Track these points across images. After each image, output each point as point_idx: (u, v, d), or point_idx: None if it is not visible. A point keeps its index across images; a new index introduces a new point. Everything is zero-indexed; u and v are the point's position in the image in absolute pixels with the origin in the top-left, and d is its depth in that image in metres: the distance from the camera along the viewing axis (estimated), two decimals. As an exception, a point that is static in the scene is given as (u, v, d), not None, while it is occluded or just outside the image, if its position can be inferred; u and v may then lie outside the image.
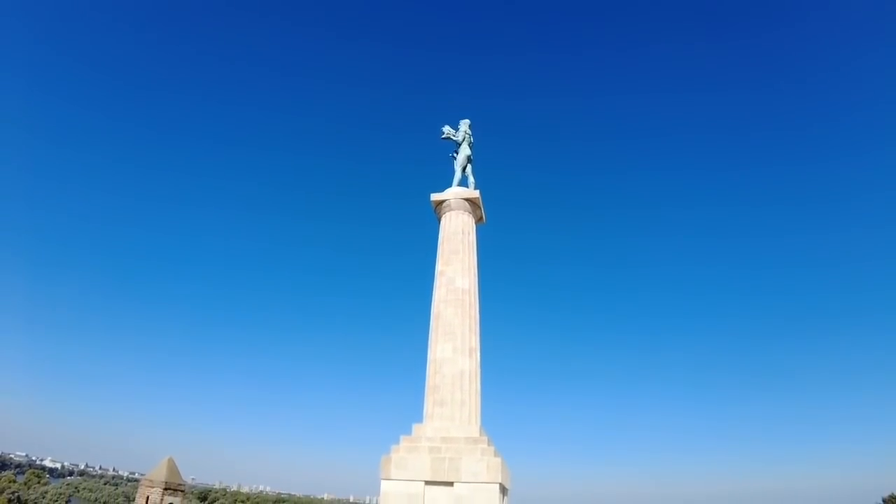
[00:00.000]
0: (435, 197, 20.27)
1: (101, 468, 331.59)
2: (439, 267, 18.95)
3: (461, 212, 19.77)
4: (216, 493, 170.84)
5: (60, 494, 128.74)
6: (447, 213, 19.85)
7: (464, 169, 21.04)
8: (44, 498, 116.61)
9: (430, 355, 17.72)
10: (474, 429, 16.46)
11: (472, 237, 19.77)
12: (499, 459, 15.47)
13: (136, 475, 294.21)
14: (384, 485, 15.51)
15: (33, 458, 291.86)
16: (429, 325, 18.37)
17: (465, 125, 21.62)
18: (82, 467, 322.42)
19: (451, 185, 20.62)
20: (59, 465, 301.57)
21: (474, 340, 17.85)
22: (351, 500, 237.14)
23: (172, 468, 27.50)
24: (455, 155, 21.33)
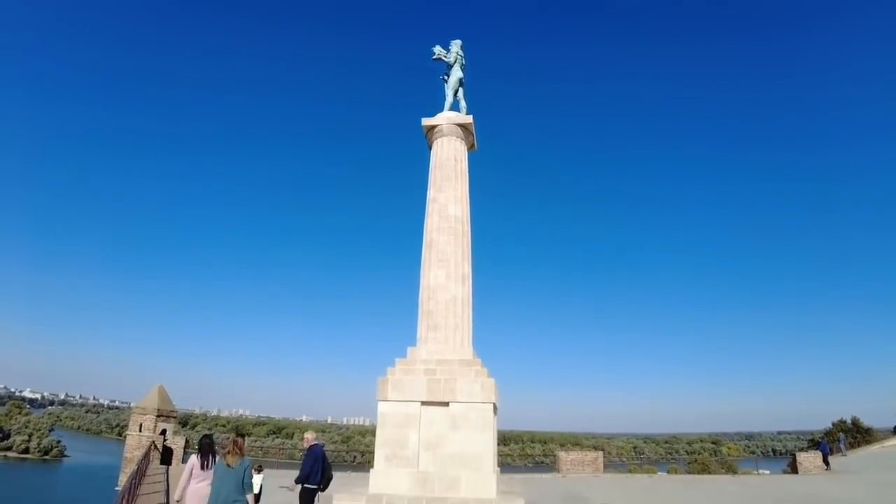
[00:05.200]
0: (426, 122, 19.71)
1: (81, 397, 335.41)
2: (431, 194, 18.76)
3: (453, 138, 19.35)
4: (196, 418, 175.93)
5: (43, 423, 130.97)
6: (439, 139, 19.41)
7: (455, 92, 20.27)
8: (27, 427, 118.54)
9: (424, 282, 17.90)
10: (467, 352, 17.00)
11: (465, 164, 19.47)
12: (492, 381, 16.08)
13: (117, 403, 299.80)
14: (381, 405, 16.06)
15: (12, 390, 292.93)
16: (421, 252, 18.44)
17: (456, 46, 20.63)
18: (62, 397, 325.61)
19: (442, 110, 20.04)
20: (38, 396, 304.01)
21: (467, 268, 18.05)
22: (329, 420, 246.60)
23: (163, 395, 27.97)
24: (446, 78, 20.47)
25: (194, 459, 9.03)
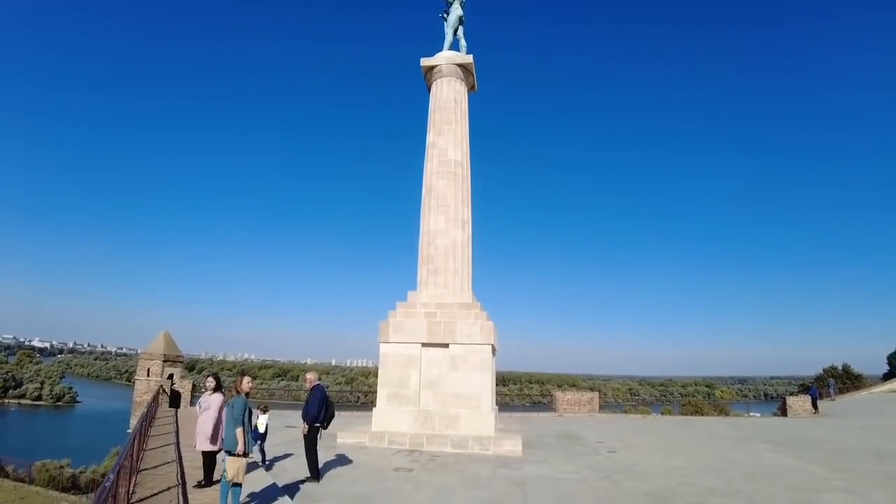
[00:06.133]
0: (425, 62, 19.16)
1: (89, 345, 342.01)
2: (430, 138, 18.49)
3: (453, 79, 18.88)
4: (203, 363, 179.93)
5: (54, 371, 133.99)
6: (438, 80, 18.95)
7: (455, 31, 19.59)
8: (38, 375, 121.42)
9: (424, 227, 17.92)
10: (467, 295, 17.21)
11: (465, 106, 19.09)
12: (491, 323, 16.36)
13: (125, 350, 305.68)
14: (383, 347, 16.41)
15: (21, 340, 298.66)
16: (421, 197, 18.35)
17: None
18: (71, 346, 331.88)
19: (441, 50, 19.46)
20: (47, 345, 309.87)
21: (466, 213, 18.02)
22: (333, 363, 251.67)
23: (169, 341, 28.46)
24: (445, 15, 19.72)
25: (220, 398, 9.36)
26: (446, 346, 16.13)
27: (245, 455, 7.75)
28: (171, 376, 27.55)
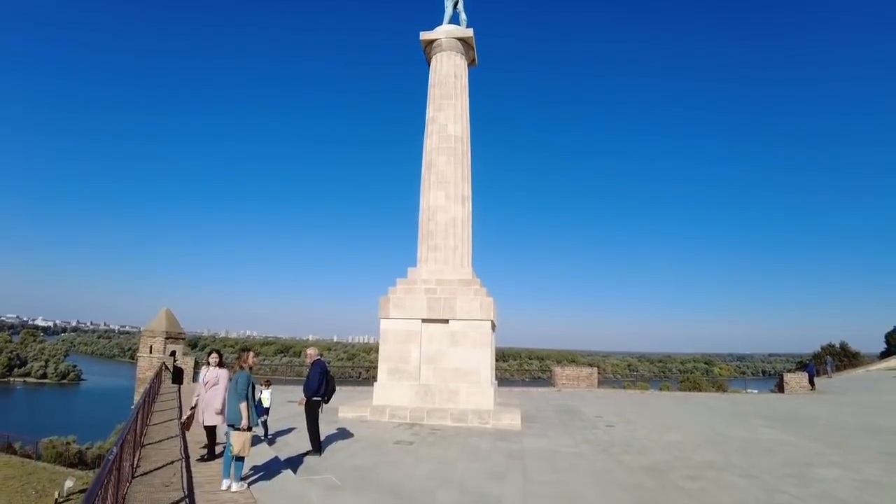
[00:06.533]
0: (425, 36, 18.86)
1: (92, 324, 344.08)
2: (430, 113, 18.29)
3: (453, 53, 18.60)
4: (205, 340, 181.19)
5: (58, 349, 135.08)
6: (438, 55, 18.67)
7: (455, 4, 19.24)
8: (42, 354, 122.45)
9: (423, 203, 17.85)
10: (467, 272, 17.23)
11: (465, 81, 18.83)
12: (490, 299, 16.41)
13: (128, 328, 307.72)
14: (384, 323, 16.49)
15: (25, 319, 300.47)
16: (421, 173, 18.25)
17: None
18: (74, 324, 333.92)
19: (441, 23, 19.13)
20: (51, 324, 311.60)
21: (466, 189, 17.93)
22: (334, 339, 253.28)
23: (171, 318, 28.61)
24: (444, -12, 19.38)
25: (205, 370, 9.41)
26: (446, 321, 16.21)
27: (249, 429, 7.83)
28: (173, 353, 27.77)
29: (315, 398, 10.87)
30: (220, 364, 9.54)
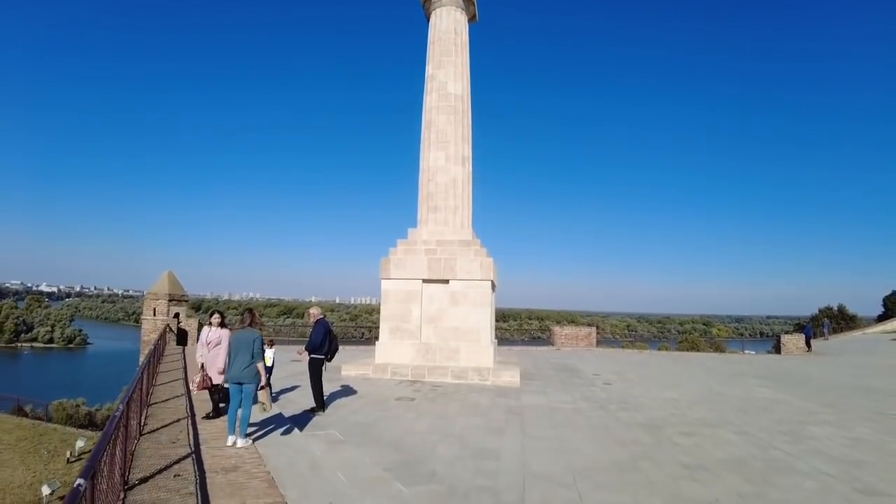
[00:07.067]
0: (423, -10, 18.32)
1: (95, 289, 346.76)
2: (429, 71, 17.89)
3: (453, 7, 18.04)
4: (208, 302, 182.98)
5: (64, 314, 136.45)
6: (437, 10, 18.11)
7: (454, -45, 18.61)
8: (48, 319, 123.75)
9: (423, 164, 17.67)
10: (467, 232, 17.21)
11: (465, 37, 18.34)
12: (490, 260, 16.43)
13: (131, 292, 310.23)
14: (385, 284, 16.57)
15: (29, 285, 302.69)
16: (420, 133, 18.00)
17: None
18: (78, 289, 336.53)
19: (440, -24, 18.51)
20: (55, 290, 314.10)
21: (467, 149, 17.71)
22: (337, 300, 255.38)
23: (174, 280, 28.78)
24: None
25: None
26: (447, 282, 16.28)
27: (264, 387, 8.22)
28: (176, 315, 28.05)
29: (317, 356, 11.00)
30: (223, 324, 9.64)
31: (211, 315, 10.15)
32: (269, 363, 12.74)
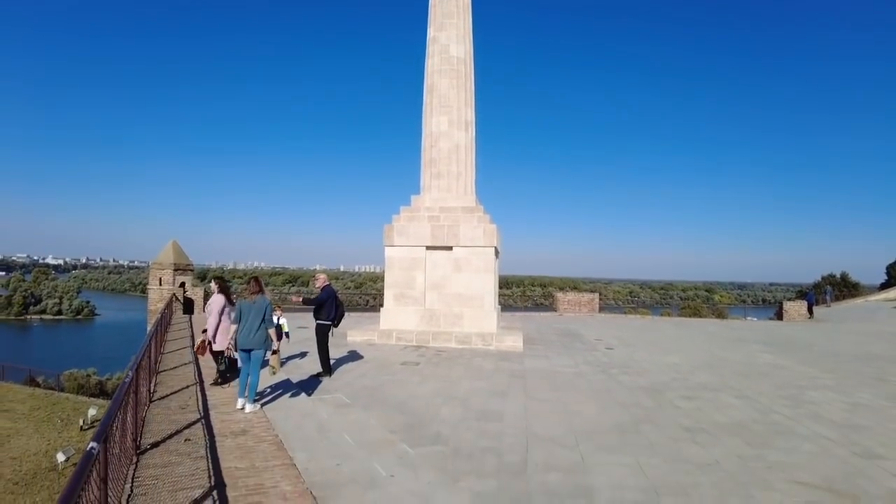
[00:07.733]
0: (423, -51, 17.77)
1: (101, 260, 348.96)
2: (431, 33, 17.47)
3: (454, -33, 17.54)
4: (214, 272, 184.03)
5: (71, 286, 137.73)
6: (438, -31, 17.63)
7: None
8: (56, 291, 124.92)
9: (426, 129, 17.44)
10: (470, 199, 17.11)
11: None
12: (493, 226, 16.39)
13: (136, 263, 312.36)
14: (388, 251, 16.59)
15: (35, 258, 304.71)
16: (422, 98, 17.71)
17: None
18: (84, 261, 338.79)
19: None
20: (61, 262, 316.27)
21: (469, 114, 17.43)
22: (341, 269, 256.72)
23: (178, 250, 28.88)
24: None
25: (221, 299, 9.49)
26: (450, 248, 16.29)
27: (276, 352, 8.43)
28: (182, 284, 28.24)
29: (323, 322, 11.11)
30: (221, 290, 9.65)
31: (210, 281, 10.27)
32: (285, 329, 13.02)
